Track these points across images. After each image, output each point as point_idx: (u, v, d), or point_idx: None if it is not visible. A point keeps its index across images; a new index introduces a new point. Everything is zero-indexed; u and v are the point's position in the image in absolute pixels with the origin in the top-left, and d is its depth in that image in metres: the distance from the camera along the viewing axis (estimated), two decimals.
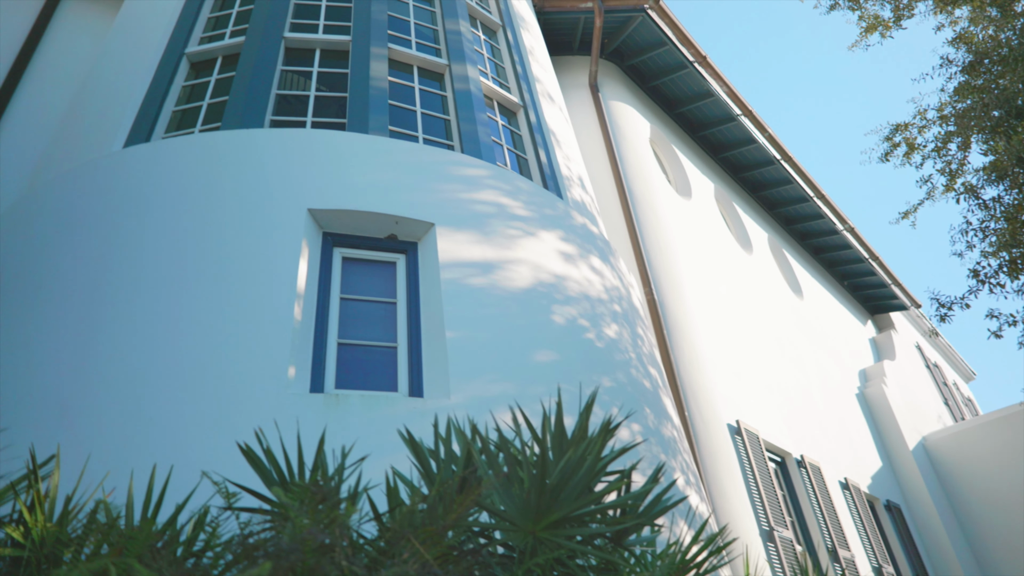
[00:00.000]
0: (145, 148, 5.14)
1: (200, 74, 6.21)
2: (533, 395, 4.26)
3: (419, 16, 7.14)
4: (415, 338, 4.38)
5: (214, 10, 6.91)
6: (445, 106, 6.34)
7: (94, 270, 4.31)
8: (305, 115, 5.70)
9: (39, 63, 7.58)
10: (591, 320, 5.17)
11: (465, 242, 4.80)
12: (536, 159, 6.54)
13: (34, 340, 4.04)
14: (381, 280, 4.68)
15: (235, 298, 4.05)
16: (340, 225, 4.67)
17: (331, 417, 3.70)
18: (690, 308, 8.36)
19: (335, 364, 4.15)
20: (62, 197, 5.03)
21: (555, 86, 8.12)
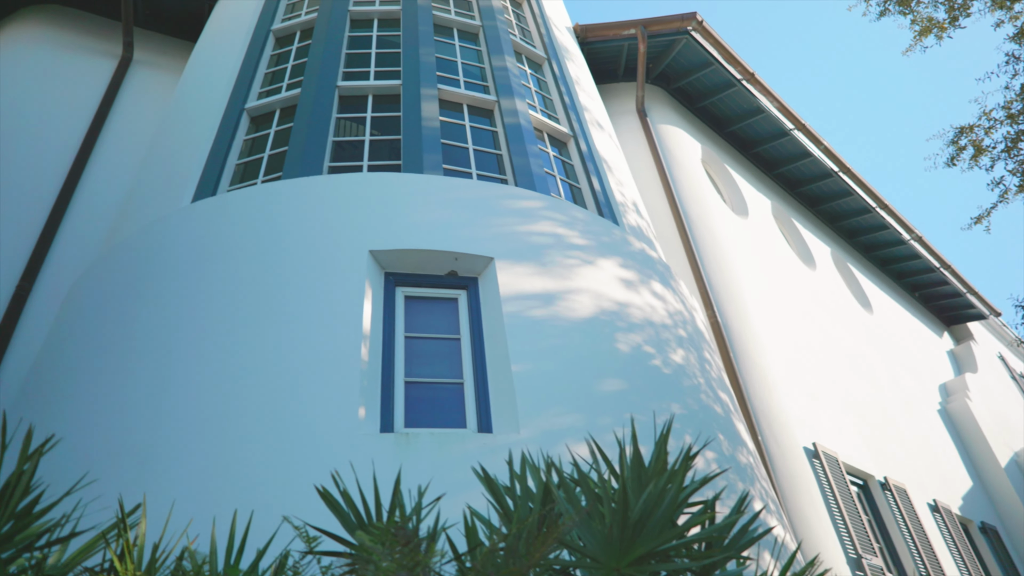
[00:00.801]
0: (212, 201, 5.34)
1: (260, 127, 6.45)
2: (603, 426, 4.18)
3: (466, 56, 7.28)
4: (480, 373, 4.37)
5: (270, 66, 7.19)
6: (496, 141, 6.41)
7: (169, 321, 4.46)
8: (361, 159, 5.84)
9: (111, 127, 8.00)
10: (656, 346, 5.07)
11: (525, 274, 4.80)
12: (589, 187, 6.52)
13: (116, 393, 4.19)
14: (444, 317, 4.70)
15: (304, 341, 4.12)
16: (401, 264, 4.73)
17: (402, 456, 3.70)
18: (755, 329, 8.14)
19: (403, 403, 4.17)
20: (137, 253, 5.24)
21: (603, 114, 8.13)
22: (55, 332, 5.36)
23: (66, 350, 4.92)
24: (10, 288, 6.48)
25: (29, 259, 6.71)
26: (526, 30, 8.54)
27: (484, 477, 2.63)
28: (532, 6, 8.95)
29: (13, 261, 6.68)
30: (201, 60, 7.70)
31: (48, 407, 4.49)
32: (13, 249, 6.76)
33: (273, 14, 7.75)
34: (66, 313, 5.39)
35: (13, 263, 6.66)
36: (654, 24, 10.06)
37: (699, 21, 9.95)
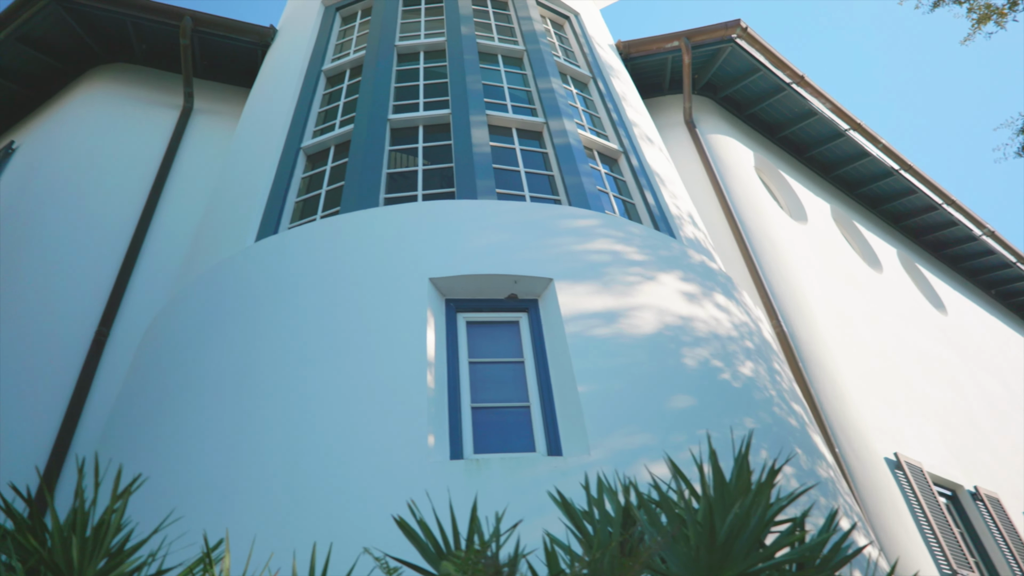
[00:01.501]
0: (274, 240, 5.49)
1: (316, 165, 6.63)
2: (675, 444, 4.09)
3: (511, 80, 7.35)
4: (547, 395, 4.34)
5: (323, 105, 7.40)
6: (547, 162, 6.42)
7: (241, 359, 4.57)
8: (415, 189, 5.92)
9: (176, 174, 8.33)
10: (724, 359, 4.95)
11: (585, 294, 4.76)
12: (644, 202, 6.46)
13: (194, 430, 4.31)
14: (506, 340, 4.70)
15: (371, 372, 4.17)
16: (461, 290, 4.76)
17: (474, 482, 3.68)
18: (823, 337, 7.87)
19: (471, 429, 4.16)
20: (206, 294, 5.42)
21: (652, 128, 8.07)
22: (133, 374, 5.56)
23: (144, 391, 5.09)
24: (90, 334, 6.77)
25: (106, 305, 7.01)
26: (569, 51, 8.58)
27: (561, 502, 2.59)
28: (574, 27, 9.00)
29: (91, 308, 6.98)
30: (257, 104, 7.98)
31: (130, 447, 4.65)
32: (91, 296, 7.08)
33: (323, 55, 7.99)
34: (143, 355, 5.59)
35: (92, 310, 6.97)
36: (697, 34, 9.98)
37: (743, 28, 9.83)
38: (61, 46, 9.34)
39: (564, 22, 9.15)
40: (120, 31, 9.29)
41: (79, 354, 6.63)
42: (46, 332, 6.71)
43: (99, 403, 6.30)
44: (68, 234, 7.54)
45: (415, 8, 8.45)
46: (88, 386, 6.43)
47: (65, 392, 6.34)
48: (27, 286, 7.00)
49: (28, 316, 6.79)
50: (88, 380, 6.45)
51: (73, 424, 6.16)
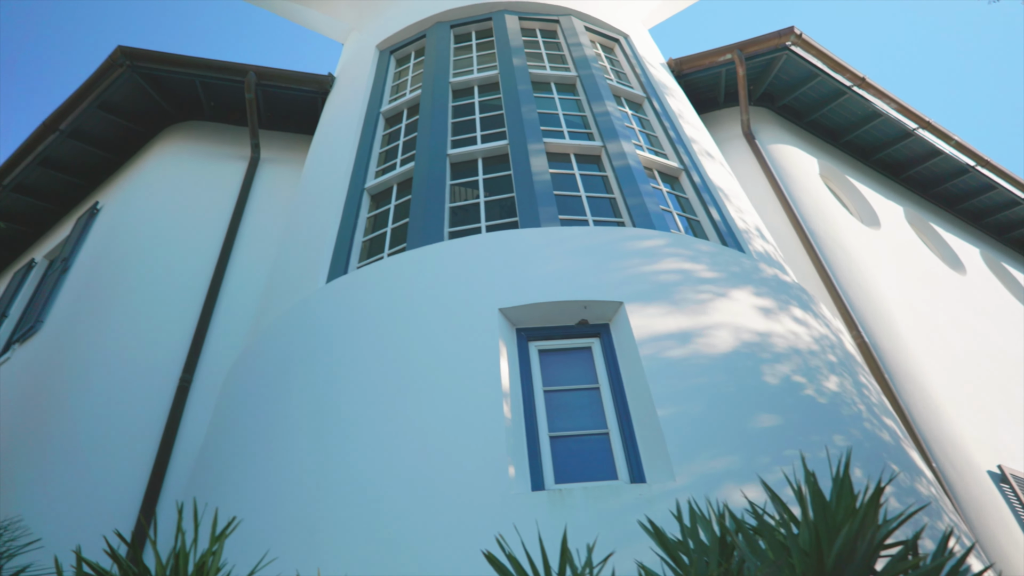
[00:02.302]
0: (344, 280, 5.61)
1: (380, 204, 6.78)
2: (763, 466, 3.94)
3: (566, 107, 7.38)
4: (625, 421, 4.26)
5: (383, 145, 7.59)
6: (607, 185, 6.39)
7: (319, 399, 4.66)
8: (478, 221, 5.98)
9: (247, 223, 8.65)
10: (807, 375, 4.77)
11: (657, 315, 4.68)
12: (709, 218, 6.35)
13: (279, 470, 4.40)
14: (579, 367, 4.65)
15: (447, 406, 4.19)
16: (531, 319, 4.75)
17: (557, 513, 3.63)
18: (909, 346, 7.52)
19: (551, 458, 4.11)
20: (283, 336, 5.57)
21: (711, 143, 7.96)
22: (217, 418, 5.74)
23: (229, 434, 5.24)
24: (174, 381, 7.04)
25: (188, 352, 7.28)
26: (621, 73, 8.59)
27: (653, 531, 2.52)
28: (624, 49, 9.01)
29: (174, 355, 7.27)
30: (320, 149, 8.25)
31: (218, 489, 4.78)
32: (174, 344, 7.37)
33: (380, 97, 8.22)
34: (225, 400, 5.76)
35: (174, 357, 7.25)
36: (750, 45, 9.85)
37: (798, 34, 9.65)
38: (137, 110, 9.90)
39: (614, 45, 9.17)
40: (190, 91, 9.79)
41: (165, 401, 6.90)
42: (134, 381, 7.00)
43: (186, 447, 6.52)
44: (150, 286, 7.89)
45: (466, 44, 8.62)
46: (175, 431, 6.66)
47: (154, 438, 6.58)
48: (115, 338, 7.35)
49: (116, 366, 7.11)
50: (175, 426, 6.69)
51: (163, 469, 6.38)
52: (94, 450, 6.37)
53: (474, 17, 8.89)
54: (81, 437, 6.49)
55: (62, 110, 9.61)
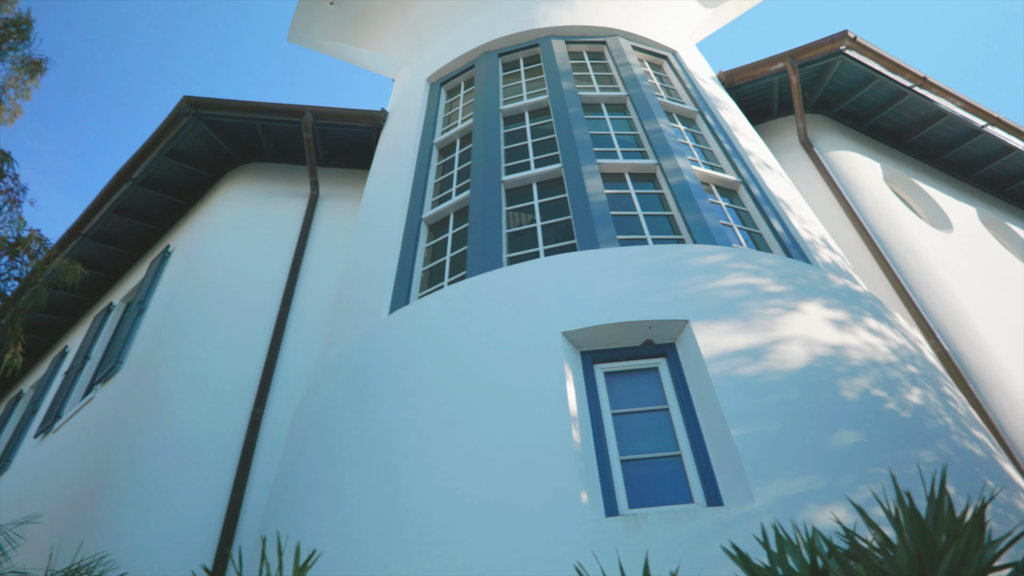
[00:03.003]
0: (407, 310, 5.68)
1: (438, 234, 6.86)
2: (846, 485, 3.77)
3: (617, 126, 7.37)
4: (698, 442, 4.15)
5: (438, 175, 7.71)
6: (664, 203, 6.32)
7: (388, 430, 4.71)
8: (536, 246, 5.98)
9: (310, 258, 8.88)
10: (887, 388, 4.57)
11: (724, 332, 4.57)
12: (771, 231, 6.20)
13: (351, 503, 4.44)
14: (647, 388, 4.57)
15: (516, 432, 4.16)
16: (595, 341, 4.70)
17: (634, 539, 3.55)
18: (993, 352, 7.14)
19: (623, 483, 4.04)
20: (349, 368, 5.66)
21: (768, 155, 7.81)
22: (288, 452, 5.85)
23: (301, 467, 5.33)
24: (246, 415, 7.23)
25: (258, 387, 7.47)
26: (671, 89, 8.53)
27: (739, 557, 2.43)
28: (673, 65, 8.96)
29: (245, 390, 7.47)
30: (376, 183, 8.42)
31: (293, 521, 4.85)
32: (244, 380, 7.58)
33: (433, 129, 8.36)
34: (296, 433, 5.88)
35: (246, 392, 7.45)
36: (803, 52, 9.66)
37: (852, 38, 9.42)
38: (203, 155, 10.33)
39: (662, 62, 9.14)
40: (251, 134, 10.17)
41: (239, 435, 7.08)
42: (208, 416, 7.22)
43: (260, 479, 6.66)
44: (221, 324, 8.16)
45: (515, 72, 8.72)
46: (249, 464, 6.82)
47: (229, 471, 6.75)
48: (189, 375, 7.60)
49: (192, 403, 7.35)
50: (248, 458, 6.85)
51: (239, 502, 6.52)
52: (174, 484, 6.57)
53: (521, 44, 8.99)
54: (161, 472, 6.71)
55: (134, 160, 10.11)
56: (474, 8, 10.17)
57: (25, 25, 5.16)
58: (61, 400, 9.81)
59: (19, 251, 5.11)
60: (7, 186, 4.95)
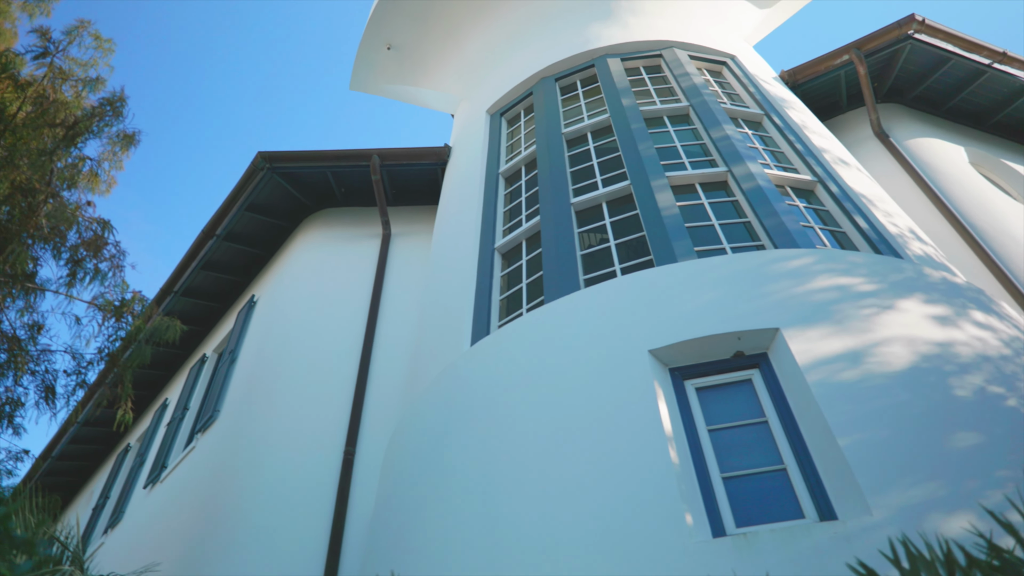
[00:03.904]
0: (489, 340, 5.71)
1: (511, 262, 6.90)
2: (971, 490, 3.54)
3: (683, 138, 7.27)
4: (803, 454, 3.98)
5: (506, 204, 7.78)
6: (739, 210, 6.18)
7: (480, 460, 4.72)
8: (611, 265, 5.94)
9: (388, 296, 9.08)
10: (1004, 383, 4.28)
11: (818, 338, 4.40)
12: (855, 228, 5.97)
13: (450, 536, 4.46)
14: (742, 401, 4.43)
15: (611, 456, 4.10)
16: (683, 357, 4.60)
17: (746, 559, 3.42)
18: None
19: (727, 501, 3.91)
20: (436, 403, 5.72)
21: (843, 150, 7.55)
22: (384, 488, 5.93)
23: (398, 503, 5.39)
24: (339, 454, 7.39)
25: (348, 426, 7.64)
26: (734, 95, 8.38)
27: (867, 575, 2.30)
28: (733, 70, 8.81)
29: (337, 429, 7.65)
30: (446, 218, 8.57)
31: (395, 557, 4.90)
32: (335, 418, 7.76)
33: (497, 159, 8.46)
34: (389, 469, 5.96)
35: (337, 431, 7.63)
36: (868, 42, 9.35)
37: (920, 21, 9.06)
38: (279, 206, 10.77)
39: (721, 68, 9.00)
40: (322, 182, 10.54)
41: (334, 474, 7.24)
42: (304, 457, 7.42)
43: (358, 516, 6.78)
44: (308, 366, 8.41)
45: (573, 94, 8.76)
46: (346, 502, 6.95)
47: (328, 510, 6.90)
48: (283, 419, 7.84)
49: (287, 445, 7.57)
50: (345, 497, 6.99)
51: (339, 539, 6.65)
52: (277, 525, 6.76)
53: (576, 67, 9.04)
54: (265, 514, 6.92)
55: (216, 217, 10.62)
56: (527, 37, 10.30)
57: (120, 103, 5.54)
58: (165, 451, 10.29)
59: (124, 312, 5.43)
60: (111, 252, 5.29)
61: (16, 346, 5.22)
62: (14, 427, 5.82)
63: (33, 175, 4.78)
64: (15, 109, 5.09)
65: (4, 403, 5.48)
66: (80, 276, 5.30)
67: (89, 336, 5.39)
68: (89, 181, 5.99)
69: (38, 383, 5.55)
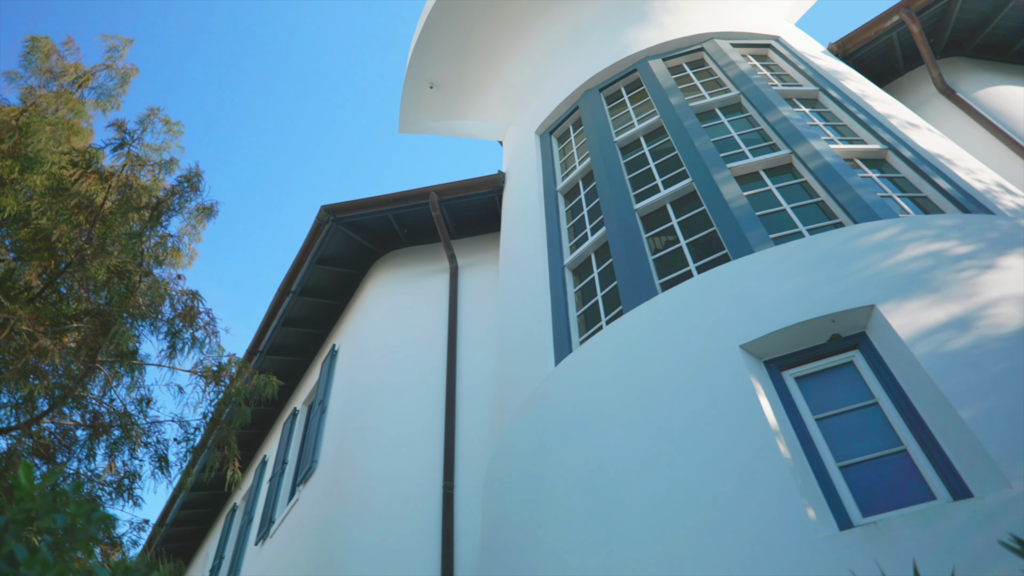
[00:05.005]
0: (574, 357, 5.68)
1: (583, 276, 6.88)
2: None
3: (738, 127, 7.14)
4: (921, 432, 3.79)
5: (568, 220, 7.78)
6: (810, 190, 6.00)
7: (586, 478, 4.67)
8: (686, 265, 5.84)
9: (464, 326, 9.16)
10: None
11: (919, 309, 4.20)
12: (936, 190, 5.70)
13: (562, 561, 4.41)
14: (846, 385, 4.26)
15: (720, 460, 4.00)
16: (777, 348, 4.47)
17: (880, 549, 3.25)
18: None
19: (848, 491, 3.74)
20: (529, 426, 5.71)
21: (909, 113, 7.25)
22: (488, 520, 5.94)
23: (505, 534, 5.38)
24: (438, 490, 7.45)
25: (443, 461, 7.71)
26: (784, 75, 8.19)
27: None
28: (779, 51, 8.62)
29: (433, 466, 7.72)
30: (510, 243, 8.62)
31: None
32: (429, 455, 7.85)
33: (553, 177, 8.49)
34: (491, 502, 5.96)
35: (433, 468, 7.70)
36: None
37: None
38: (347, 255, 11.08)
39: (766, 51, 8.82)
40: (385, 226, 10.80)
41: (435, 510, 7.30)
42: (404, 498, 7.51)
43: (465, 550, 6.80)
44: (396, 407, 8.55)
45: (619, 102, 8.73)
46: (452, 537, 6.99)
47: (434, 547, 6.96)
48: (379, 462, 7.98)
49: (387, 487, 7.69)
50: (450, 531, 7.03)
51: (450, 572, 6.68)
52: (385, 568, 6.85)
53: (619, 74, 9.02)
54: (373, 557, 7.02)
55: (290, 274, 11.00)
56: (564, 53, 10.36)
57: (197, 178, 5.86)
58: (271, 506, 10.60)
59: (222, 376, 5.67)
60: (204, 321, 5.56)
61: (128, 421, 5.52)
62: (134, 499, 6.11)
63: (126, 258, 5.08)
64: (102, 200, 5.43)
65: (123, 476, 5.79)
66: (179, 346, 5.59)
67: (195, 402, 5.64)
68: (173, 256, 6.31)
69: (152, 454, 5.84)
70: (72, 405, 5.56)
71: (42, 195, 5.46)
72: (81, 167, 5.78)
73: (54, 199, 5.42)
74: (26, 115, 5.57)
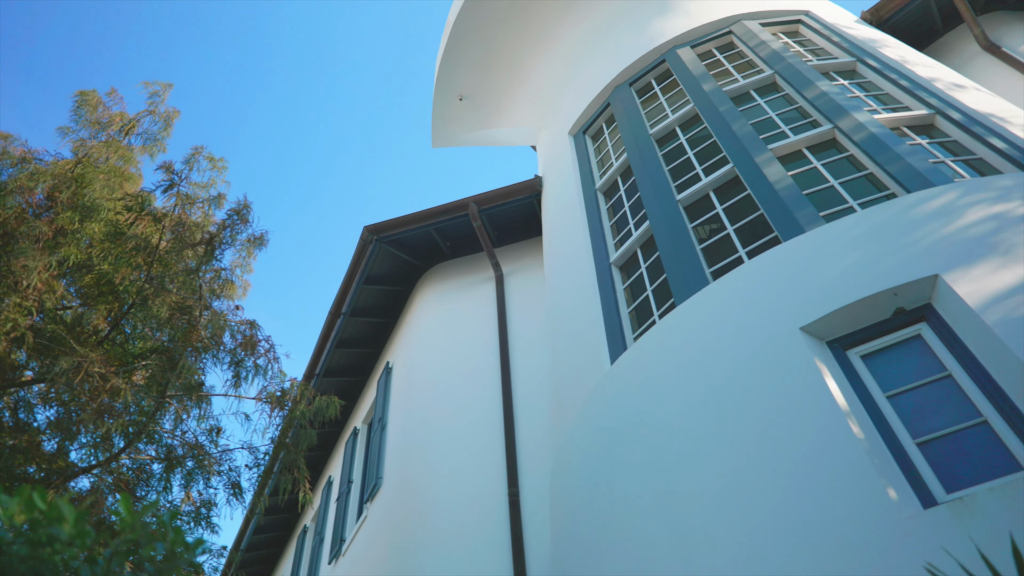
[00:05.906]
0: (630, 355, 5.64)
1: (630, 272, 6.83)
2: None
3: (775, 106, 7.01)
4: (1001, 401, 3.65)
5: (611, 217, 7.74)
6: (856, 164, 5.85)
7: (656, 476, 4.63)
8: (735, 252, 5.75)
9: (514, 333, 9.18)
10: None
11: (986, 274, 4.05)
12: (992, 151, 5.50)
13: (638, 562, 4.38)
14: (915, 359, 4.13)
15: (792, 447, 3.92)
16: (838, 327, 4.36)
17: (969, 526, 3.14)
18: None
19: (928, 468, 3.63)
20: (592, 427, 5.68)
21: (954, 74, 7.02)
22: (556, 523, 5.93)
23: (575, 537, 5.37)
24: (504, 498, 7.47)
25: (506, 468, 7.73)
26: (818, 50, 8.02)
27: None
28: (810, 25, 8.44)
29: (496, 473, 7.75)
30: (553, 246, 8.62)
31: None
32: (491, 462, 7.88)
33: (591, 177, 8.47)
34: (559, 506, 5.95)
35: (497, 475, 7.73)
36: None
37: None
38: (393, 273, 11.22)
39: (796, 27, 8.65)
40: (428, 240, 10.91)
41: (503, 517, 7.32)
42: (470, 508, 7.55)
43: (536, 555, 6.80)
44: (455, 418, 8.60)
45: (651, 94, 8.67)
46: (522, 543, 7.00)
47: (505, 556, 6.97)
48: (443, 473, 8.04)
49: (452, 498, 7.74)
50: (519, 538, 7.04)
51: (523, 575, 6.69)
52: None
53: (647, 67, 8.95)
54: (445, 569, 7.06)
55: (339, 296, 11.20)
56: (590, 52, 10.34)
57: (246, 210, 6.04)
58: (341, 525, 10.77)
59: (285, 400, 5.80)
60: (264, 348, 5.71)
61: (200, 451, 5.69)
62: (211, 526, 6.29)
63: (185, 294, 5.26)
64: (157, 240, 5.63)
65: (200, 505, 5.97)
66: (243, 375, 5.75)
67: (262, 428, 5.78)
68: (227, 289, 6.48)
69: (225, 481, 6.00)
70: (146, 440, 5.76)
71: (101, 241, 5.69)
72: (135, 211, 6.00)
73: (113, 244, 5.65)
74: (80, 167, 5.82)
